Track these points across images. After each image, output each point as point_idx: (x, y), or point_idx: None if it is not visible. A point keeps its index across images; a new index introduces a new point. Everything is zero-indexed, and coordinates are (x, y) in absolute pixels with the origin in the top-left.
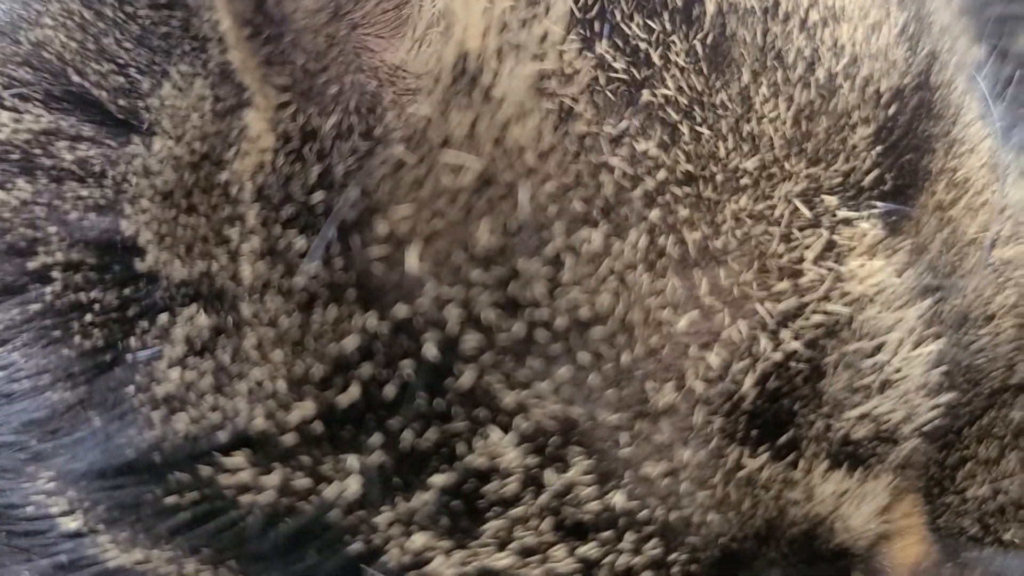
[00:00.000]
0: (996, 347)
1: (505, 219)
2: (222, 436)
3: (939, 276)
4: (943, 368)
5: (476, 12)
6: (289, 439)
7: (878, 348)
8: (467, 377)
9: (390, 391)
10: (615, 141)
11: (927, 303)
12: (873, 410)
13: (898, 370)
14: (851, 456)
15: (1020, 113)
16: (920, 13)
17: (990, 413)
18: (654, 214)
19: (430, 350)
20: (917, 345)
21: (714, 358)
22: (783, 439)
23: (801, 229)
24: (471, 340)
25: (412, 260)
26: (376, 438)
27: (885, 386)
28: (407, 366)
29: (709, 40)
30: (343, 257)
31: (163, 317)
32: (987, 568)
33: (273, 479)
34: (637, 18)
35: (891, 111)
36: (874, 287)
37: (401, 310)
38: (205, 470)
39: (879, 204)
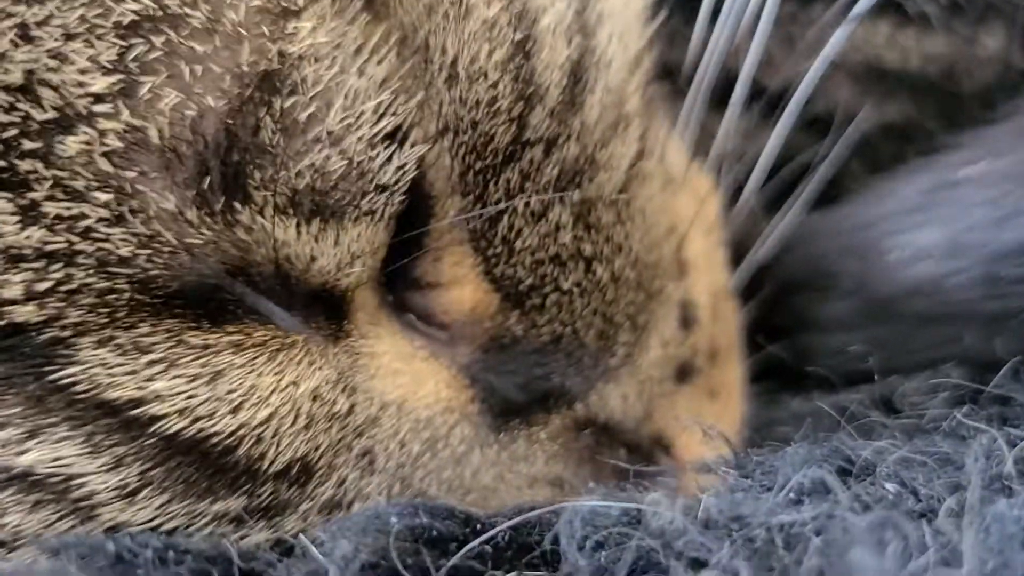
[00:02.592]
0: (494, 102)
1: None
2: None
3: (410, 35)
4: (402, 123)
5: None
6: None
7: (322, 104)
8: None
9: None
10: None
11: (388, 62)
12: (314, 162)
13: (341, 124)
14: (301, 205)
15: None
16: None
17: (513, 168)
18: None
19: None
20: (366, 100)
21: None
22: (236, 195)
23: None
24: None
25: None
26: None
27: (326, 140)
28: None
29: None
30: None
31: None
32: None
33: None
34: None
35: None
36: (313, 47)
37: None
38: None
39: None
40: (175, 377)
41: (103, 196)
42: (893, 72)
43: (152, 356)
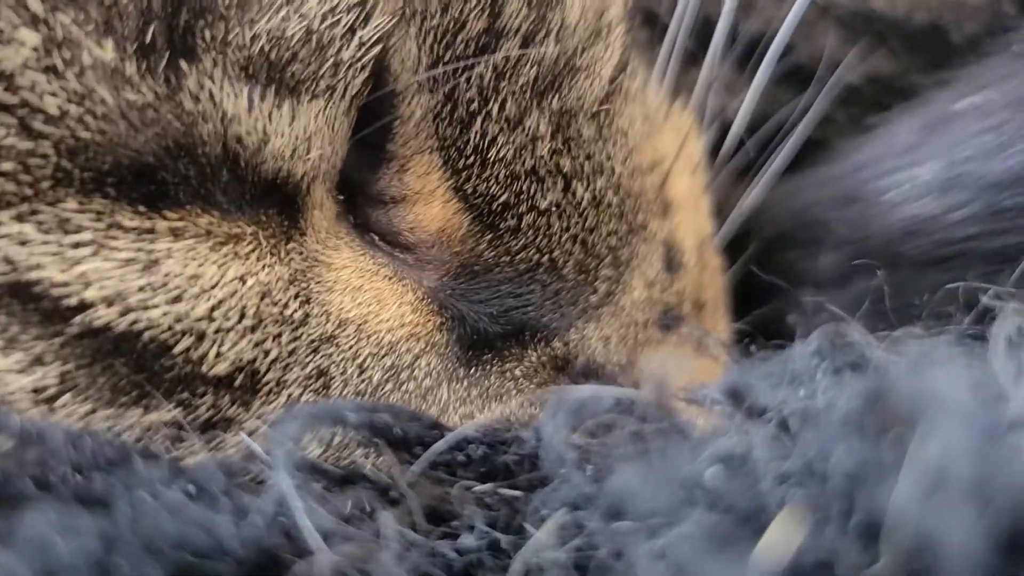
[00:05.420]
0: None
1: None
2: None
3: None
4: None
5: None
6: None
7: None
8: None
9: None
10: None
11: None
12: (271, 26)
13: None
14: (255, 75)
15: None
16: None
17: (487, 63)
18: None
19: None
20: None
21: None
22: (183, 53)
23: None
24: None
25: None
26: None
27: (282, 2)
28: None
29: None
30: None
31: None
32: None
33: None
34: None
35: None
36: None
37: None
38: None
39: None
40: (105, 260)
41: (31, 38)
42: (881, 17)
43: (79, 237)
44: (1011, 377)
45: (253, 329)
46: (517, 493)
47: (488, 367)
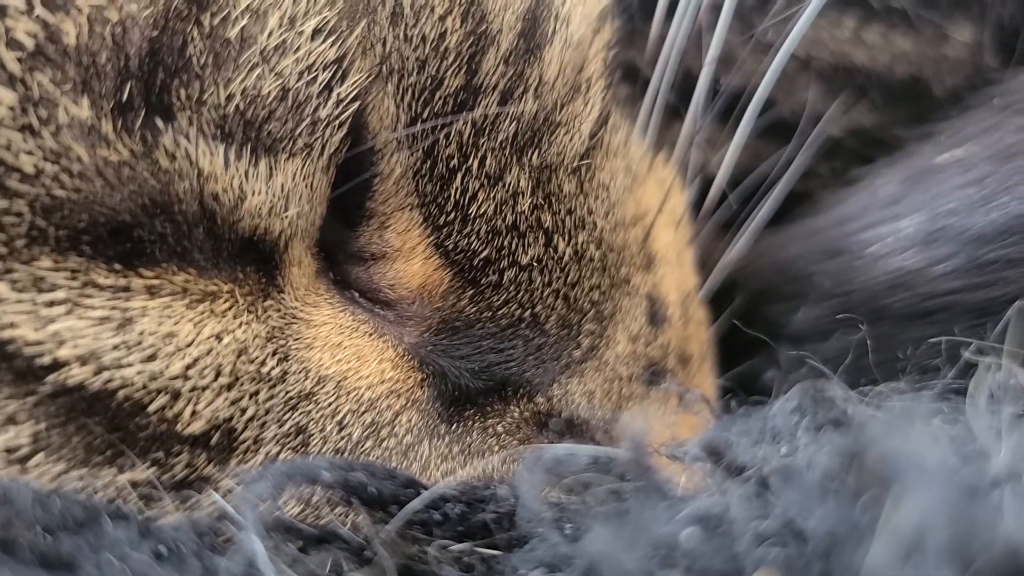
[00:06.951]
0: (443, 39)
1: None
2: None
3: None
4: (343, 55)
5: None
6: None
7: (255, 20)
8: None
9: None
10: None
11: None
12: (246, 85)
13: (277, 43)
14: (231, 134)
15: None
16: None
17: (466, 122)
18: None
19: None
20: (305, 21)
21: (92, 9)
22: (159, 111)
23: None
24: None
25: None
26: None
27: (259, 59)
28: None
29: None
30: None
31: None
32: None
33: None
34: None
35: None
36: None
37: None
38: None
39: None
40: (79, 319)
41: (7, 97)
42: (862, 71)
43: (54, 295)
44: (991, 434)
45: (229, 387)
46: (495, 552)
47: (470, 423)
